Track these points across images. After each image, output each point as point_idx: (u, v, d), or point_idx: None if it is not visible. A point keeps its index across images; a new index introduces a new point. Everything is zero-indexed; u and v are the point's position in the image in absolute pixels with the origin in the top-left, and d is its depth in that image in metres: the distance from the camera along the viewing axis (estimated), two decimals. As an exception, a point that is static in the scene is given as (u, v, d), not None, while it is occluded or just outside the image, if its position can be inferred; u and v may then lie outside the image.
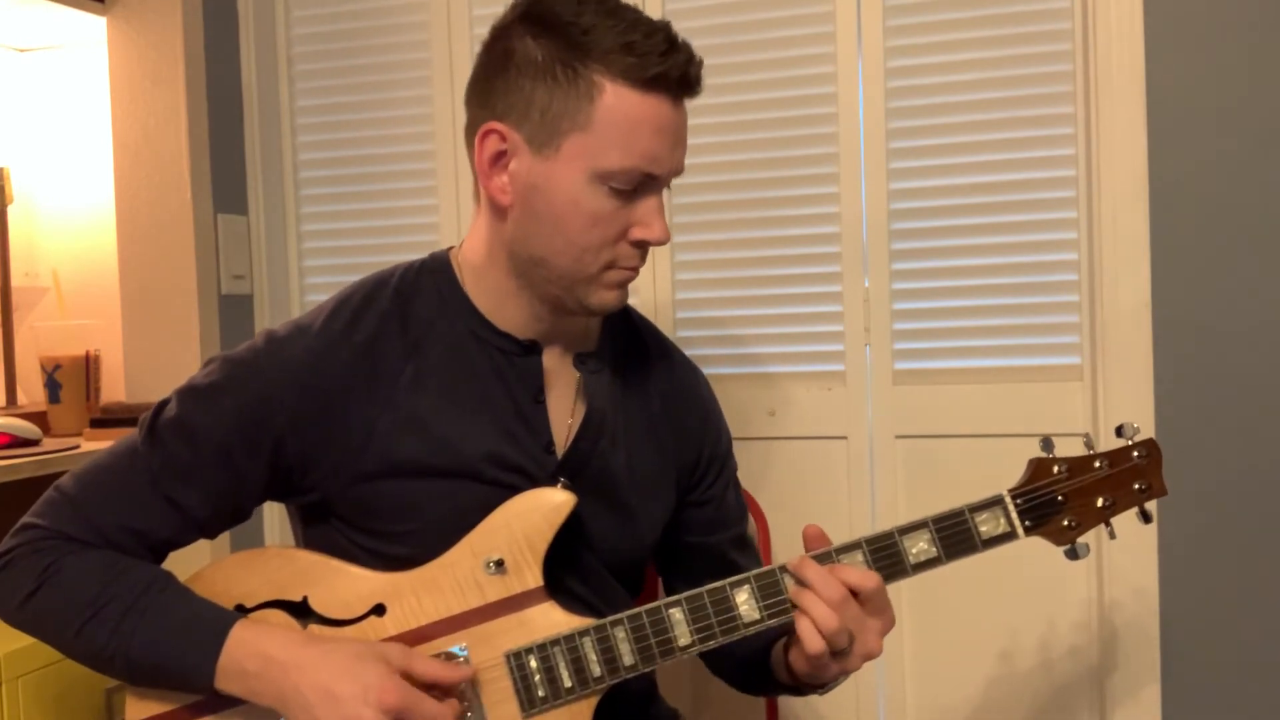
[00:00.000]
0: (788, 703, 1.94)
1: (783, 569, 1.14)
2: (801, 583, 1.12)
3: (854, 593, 1.10)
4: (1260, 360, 1.71)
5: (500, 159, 1.15)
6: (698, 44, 1.17)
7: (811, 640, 1.09)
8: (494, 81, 1.15)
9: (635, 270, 1.18)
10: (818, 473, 1.93)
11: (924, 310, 1.88)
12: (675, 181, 1.37)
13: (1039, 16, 1.80)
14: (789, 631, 1.18)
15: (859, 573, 1.11)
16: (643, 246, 1.17)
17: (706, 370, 1.43)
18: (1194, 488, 1.72)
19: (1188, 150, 1.72)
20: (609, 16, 1.11)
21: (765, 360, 1.96)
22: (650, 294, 1.98)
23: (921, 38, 1.85)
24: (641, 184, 1.14)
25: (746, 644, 1.17)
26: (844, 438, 1.92)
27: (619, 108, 1.10)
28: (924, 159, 1.86)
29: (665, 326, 1.78)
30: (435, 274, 1.24)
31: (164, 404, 1.18)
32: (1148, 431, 1.72)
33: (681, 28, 1.18)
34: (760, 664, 1.30)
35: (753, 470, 1.94)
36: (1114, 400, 1.75)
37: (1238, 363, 1.71)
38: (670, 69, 1.11)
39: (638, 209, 1.14)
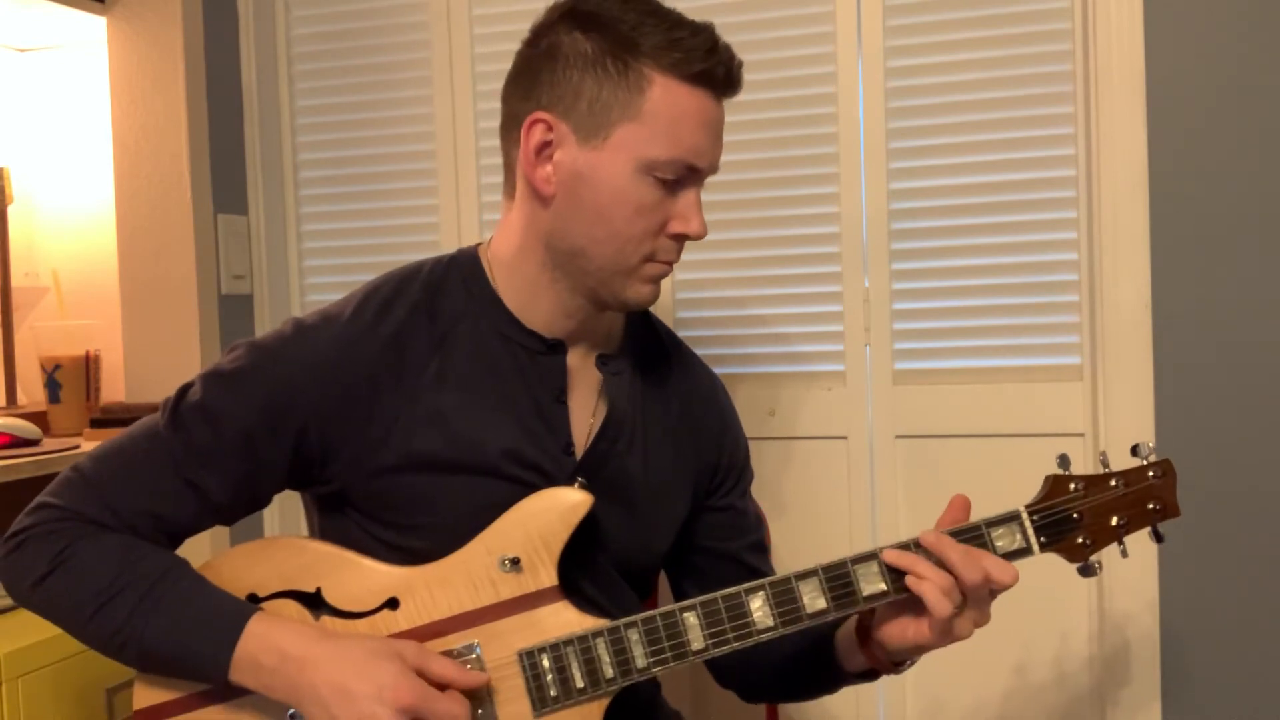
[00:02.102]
0: (787, 705, 1.94)
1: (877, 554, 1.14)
2: (941, 562, 1.11)
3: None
4: (1261, 361, 1.71)
5: (545, 149, 1.16)
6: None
7: (939, 604, 1.10)
8: (539, 74, 1.16)
9: (671, 265, 1.20)
10: (818, 473, 1.94)
11: (924, 310, 1.89)
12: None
13: (1039, 16, 1.81)
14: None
15: (998, 564, 1.12)
16: (680, 240, 1.19)
17: (707, 370, 1.44)
18: (1195, 490, 1.70)
19: (1188, 150, 1.72)
20: (652, 15, 1.14)
21: (765, 360, 1.96)
22: (651, 294, 1.97)
23: (921, 38, 1.86)
24: (684, 177, 1.16)
25: (791, 638, 1.16)
26: (844, 438, 1.92)
27: (667, 100, 1.13)
28: (924, 159, 1.87)
29: (667, 326, 1.79)
30: (464, 269, 1.24)
31: (187, 387, 1.17)
32: (1148, 432, 1.72)
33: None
34: (817, 653, 1.28)
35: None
36: (1114, 400, 1.76)
37: (1238, 363, 1.72)
38: (715, 66, 1.14)
39: (678, 202, 1.17)
